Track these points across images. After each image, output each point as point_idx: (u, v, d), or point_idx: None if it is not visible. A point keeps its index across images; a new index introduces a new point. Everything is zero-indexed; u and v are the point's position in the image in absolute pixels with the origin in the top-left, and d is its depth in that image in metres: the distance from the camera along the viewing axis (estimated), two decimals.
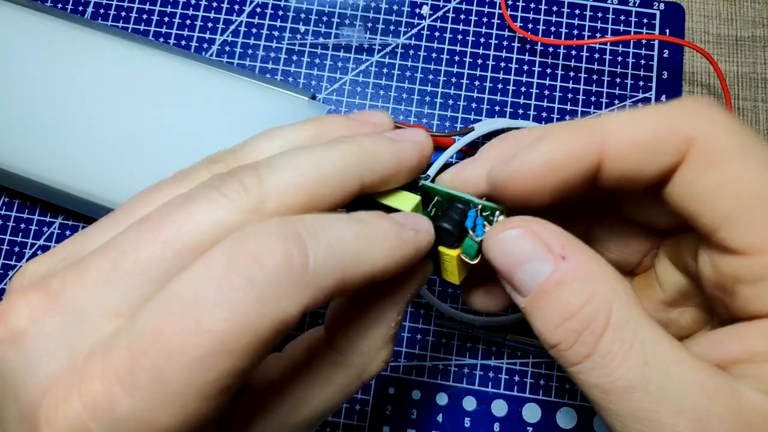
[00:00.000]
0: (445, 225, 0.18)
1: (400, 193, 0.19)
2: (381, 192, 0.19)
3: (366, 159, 0.17)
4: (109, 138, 0.31)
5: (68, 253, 0.16)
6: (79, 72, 0.32)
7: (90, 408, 0.13)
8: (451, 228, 0.18)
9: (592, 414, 0.31)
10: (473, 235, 0.18)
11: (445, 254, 0.19)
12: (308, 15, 0.37)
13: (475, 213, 0.18)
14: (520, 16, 0.36)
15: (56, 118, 0.32)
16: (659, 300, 0.21)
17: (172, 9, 0.37)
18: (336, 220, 0.16)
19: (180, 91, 0.32)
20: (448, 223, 0.18)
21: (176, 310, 0.13)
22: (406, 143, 0.18)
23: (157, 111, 0.32)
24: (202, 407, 0.13)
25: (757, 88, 0.35)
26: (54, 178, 0.31)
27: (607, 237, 0.22)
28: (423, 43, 0.36)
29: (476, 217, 0.18)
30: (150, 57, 0.32)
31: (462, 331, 0.32)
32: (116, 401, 0.13)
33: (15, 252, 0.34)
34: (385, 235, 0.16)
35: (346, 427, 0.31)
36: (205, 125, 0.32)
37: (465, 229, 0.18)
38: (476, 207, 0.18)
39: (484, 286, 0.22)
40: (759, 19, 0.36)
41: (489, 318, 0.32)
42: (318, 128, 0.19)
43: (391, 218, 0.17)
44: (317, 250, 0.14)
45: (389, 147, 0.18)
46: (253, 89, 0.32)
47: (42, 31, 0.33)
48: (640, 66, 0.36)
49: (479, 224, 0.18)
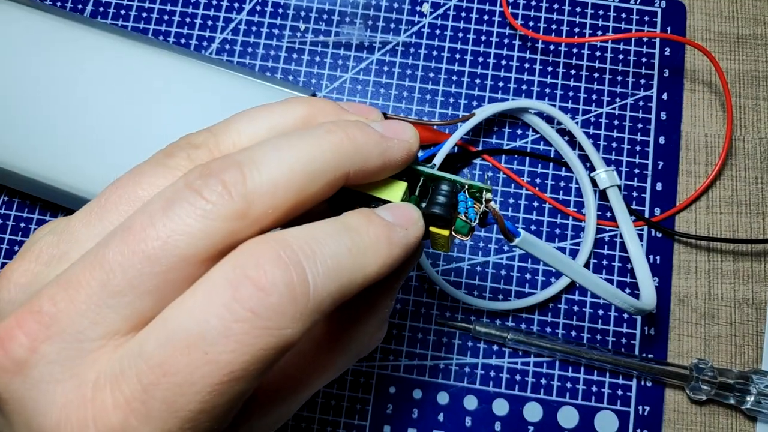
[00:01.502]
0: (437, 211, 0.18)
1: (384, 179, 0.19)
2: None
3: (356, 153, 0.17)
4: (109, 136, 0.31)
5: (51, 256, 0.16)
6: (79, 71, 0.32)
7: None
8: (443, 213, 0.18)
9: (593, 413, 0.31)
10: (466, 219, 0.19)
11: (437, 234, 0.19)
12: (308, 13, 0.37)
13: (465, 195, 0.19)
14: (521, 14, 0.36)
15: (55, 117, 0.31)
16: None
17: (171, 7, 0.37)
18: (329, 236, 0.15)
19: (180, 89, 0.32)
20: (440, 209, 0.18)
21: (183, 342, 0.14)
22: (394, 141, 0.18)
23: (157, 109, 0.31)
24: (213, 427, 0.14)
25: (759, 86, 0.35)
26: (53, 177, 0.31)
27: None
28: (423, 41, 0.36)
29: (467, 199, 0.19)
30: (150, 55, 0.32)
31: (463, 330, 0.32)
32: (132, 431, 0.13)
33: (15, 251, 0.34)
34: (378, 244, 0.16)
35: (347, 427, 0.31)
36: (205, 123, 0.31)
37: (456, 210, 0.19)
38: (464, 188, 0.19)
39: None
40: (760, 16, 0.36)
41: (492, 304, 0.32)
42: (307, 112, 0.18)
43: (382, 221, 0.17)
44: (316, 274, 0.15)
45: (379, 144, 0.17)
46: (253, 87, 0.32)
47: (42, 29, 0.33)
48: (642, 64, 0.36)
49: (470, 206, 0.19)
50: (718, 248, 0.33)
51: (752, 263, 0.33)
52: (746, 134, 0.35)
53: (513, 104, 0.34)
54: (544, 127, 0.34)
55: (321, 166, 0.16)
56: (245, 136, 0.17)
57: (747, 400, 0.30)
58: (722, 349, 0.32)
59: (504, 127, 0.35)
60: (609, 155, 0.34)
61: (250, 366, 0.14)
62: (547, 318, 0.32)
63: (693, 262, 0.33)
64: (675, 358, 0.32)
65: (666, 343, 0.32)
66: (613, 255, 0.33)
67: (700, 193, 0.34)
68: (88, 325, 0.14)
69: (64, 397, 0.14)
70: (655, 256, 0.33)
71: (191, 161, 0.17)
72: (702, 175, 0.34)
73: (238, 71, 0.33)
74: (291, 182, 0.15)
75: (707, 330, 0.32)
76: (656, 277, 0.33)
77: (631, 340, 0.32)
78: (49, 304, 0.14)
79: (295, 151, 0.16)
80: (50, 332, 0.14)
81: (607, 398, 0.31)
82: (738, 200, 0.34)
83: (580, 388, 0.32)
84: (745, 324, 0.33)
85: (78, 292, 0.14)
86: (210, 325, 0.14)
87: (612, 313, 0.33)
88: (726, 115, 0.34)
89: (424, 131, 0.34)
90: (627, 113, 0.35)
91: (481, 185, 0.19)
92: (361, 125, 0.17)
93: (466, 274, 0.33)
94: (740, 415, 0.31)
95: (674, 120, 0.35)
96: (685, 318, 0.33)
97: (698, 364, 0.31)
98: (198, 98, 0.32)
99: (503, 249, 0.33)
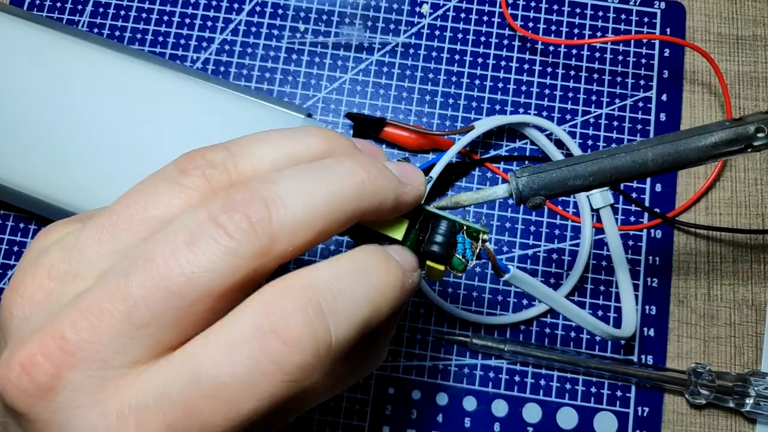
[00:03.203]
0: (437, 251, 0.20)
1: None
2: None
3: (374, 196, 0.17)
4: (104, 151, 0.31)
5: (65, 272, 0.16)
6: (74, 85, 0.32)
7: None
8: (442, 253, 0.20)
9: (592, 414, 0.31)
10: (463, 259, 0.20)
11: (434, 267, 0.20)
12: (308, 14, 0.37)
13: (463, 236, 0.20)
14: (520, 15, 0.36)
15: (49, 131, 0.31)
16: None
17: (171, 8, 0.37)
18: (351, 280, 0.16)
19: (175, 105, 0.31)
20: (439, 248, 0.20)
21: (209, 389, 0.14)
22: (408, 187, 0.19)
23: (151, 125, 0.31)
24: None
25: (758, 87, 0.35)
26: (46, 192, 0.31)
27: None
28: (423, 42, 0.36)
29: (464, 240, 0.20)
30: (146, 71, 0.32)
31: (460, 344, 0.32)
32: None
33: (9, 265, 0.34)
34: (394, 289, 0.17)
35: (346, 427, 0.31)
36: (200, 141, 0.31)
37: (453, 248, 0.20)
38: (462, 228, 0.20)
39: None
40: (760, 18, 0.36)
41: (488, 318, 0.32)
42: (327, 147, 0.18)
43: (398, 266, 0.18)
44: (338, 324, 0.15)
45: (396, 189, 0.18)
46: (248, 105, 0.32)
47: (37, 43, 0.32)
48: (641, 65, 0.36)
49: (467, 247, 0.20)
50: (718, 249, 0.33)
51: (752, 264, 0.33)
52: None
53: (512, 119, 0.33)
54: (544, 141, 0.34)
55: (343, 207, 0.16)
56: (266, 163, 0.17)
57: (746, 403, 0.30)
58: (721, 350, 0.32)
59: (503, 132, 0.35)
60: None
61: (270, 410, 0.15)
62: (546, 319, 0.32)
63: (692, 263, 0.33)
64: (674, 359, 0.32)
65: (665, 344, 0.32)
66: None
67: (701, 194, 0.34)
68: (111, 354, 0.14)
69: (89, 424, 0.14)
70: (655, 257, 0.33)
71: (207, 181, 0.17)
72: (702, 176, 0.34)
73: (234, 89, 0.32)
74: (315, 221, 0.16)
75: (706, 331, 0.32)
76: (655, 277, 0.33)
77: (630, 342, 0.32)
78: (71, 332, 0.14)
79: (320, 190, 0.16)
80: (74, 360, 0.14)
81: (606, 399, 0.31)
82: (738, 201, 0.34)
83: (579, 389, 0.32)
84: (745, 325, 0.32)
85: (101, 321, 0.14)
86: (236, 375, 0.14)
87: (611, 314, 0.33)
88: (725, 117, 0.34)
89: (421, 137, 0.34)
90: (626, 114, 0.35)
91: (479, 227, 0.20)
92: (381, 168, 0.18)
93: (464, 288, 0.33)
94: (740, 416, 0.31)
95: (673, 121, 0.35)
96: (684, 319, 0.33)
97: (696, 368, 0.31)
98: (193, 115, 0.31)
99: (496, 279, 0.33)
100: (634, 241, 0.33)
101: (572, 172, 0.21)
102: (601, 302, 0.33)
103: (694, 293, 0.33)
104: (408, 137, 0.34)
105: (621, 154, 0.21)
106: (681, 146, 0.20)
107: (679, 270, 0.33)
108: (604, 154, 0.21)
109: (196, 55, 0.36)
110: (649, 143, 0.21)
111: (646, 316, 0.33)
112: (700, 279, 0.33)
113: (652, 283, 0.33)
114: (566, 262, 0.33)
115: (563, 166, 0.21)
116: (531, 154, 0.34)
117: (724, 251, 0.33)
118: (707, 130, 0.20)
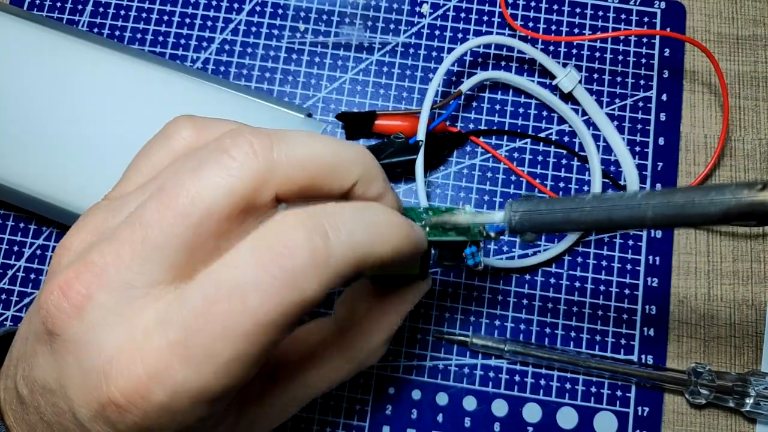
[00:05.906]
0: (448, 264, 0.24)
1: None
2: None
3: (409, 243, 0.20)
4: (103, 151, 0.31)
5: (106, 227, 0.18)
6: (74, 84, 0.32)
7: (152, 375, 0.15)
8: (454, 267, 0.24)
9: (592, 414, 0.31)
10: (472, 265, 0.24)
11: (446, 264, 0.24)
12: (308, 14, 0.37)
13: (469, 250, 0.23)
14: (520, 15, 0.36)
15: (48, 130, 0.31)
16: None
17: (171, 8, 0.37)
18: (352, 211, 0.18)
19: (175, 105, 0.31)
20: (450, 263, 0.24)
21: (223, 294, 0.15)
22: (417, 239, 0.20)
23: (151, 125, 0.31)
24: (242, 375, 0.16)
25: (758, 87, 0.35)
26: (45, 191, 0.31)
27: None
28: (423, 42, 0.36)
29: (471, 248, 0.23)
30: (145, 70, 0.32)
31: (460, 344, 0.32)
32: (174, 371, 0.15)
33: (9, 264, 0.34)
34: (395, 227, 0.18)
35: (346, 427, 0.31)
36: None
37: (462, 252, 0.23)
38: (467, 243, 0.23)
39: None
40: (760, 17, 0.36)
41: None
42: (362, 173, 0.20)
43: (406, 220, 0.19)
44: (338, 242, 0.17)
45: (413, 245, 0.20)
46: (248, 105, 0.32)
47: (37, 42, 0.32)
48: (641, 64, 0.36)
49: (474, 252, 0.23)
50: (718, 249, 0.33)
51: (752, 264, 0.33)
52: (746, 135, 0.35)
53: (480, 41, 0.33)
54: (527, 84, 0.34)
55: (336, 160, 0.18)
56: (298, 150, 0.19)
57: (746, 403, 0.30)
58: (721, 350, 0.32)
59: (483, 102, 0.35)
60: (609, 155, 0.34)
61: (280, 317, 0.16)
62: (546, 319, 0.32)
63: (692, 263, 0.33)
64: (674, 359, 0.32)
65: (665, 344, 0.32)
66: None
67: None
68: (134, 275, 0.16)
69: (116, 340, 0.16)
70: (654, 257, 0.33)
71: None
72: (702, 176, 0.34)
73: (234, 88, 0.32)
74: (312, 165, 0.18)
75: (707, 331, 0.32)
76: (655, 277, 0.33)
77: (630, 341, 0.32)
78: (98, 257, 0.16)
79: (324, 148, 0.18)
80: (101, 281, 0.16)
81: (606, 399, 0.31)
82: None
83: (579, 388, 0.32)
84: (745, 325, 0.32)
85: (123, 245, 0.16)
86: (246, 278, 0.16)
87: (611, 314, 0.33)
88: (724, 116, 0.34)
89: (414, 120, 0.33)
90: (626, 114, 0.35)
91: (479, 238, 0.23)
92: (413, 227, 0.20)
93: (464, 288, 0.33)
94: (739, 416, 0.31)
95: (674, 121, 0.35)
96: (684, 319, 0.33)
97: (696, 368, 0.31)
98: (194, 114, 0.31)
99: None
100: (633, 241, 0.33)
101: (566, 218, 0.20)
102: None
103: (694, 293, 0.33)
104: (401, 125, 0.33)
105: (620, 207, 0.20)
106: (686, 210, 0.19)
107: (679, 270, 0.33)
108: (602, 203, 0.20)
109: (196, 55, 0.36)
110: (652, 199, 0.19)
111: (646, 316, 0.33)
112: (700, 279, 0.33)
113: (652, 283, 0.33)
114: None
115: (558, 212, 0.21)
116: (518, 130, 0.34)
117: (724, 251, 0.33)
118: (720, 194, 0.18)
